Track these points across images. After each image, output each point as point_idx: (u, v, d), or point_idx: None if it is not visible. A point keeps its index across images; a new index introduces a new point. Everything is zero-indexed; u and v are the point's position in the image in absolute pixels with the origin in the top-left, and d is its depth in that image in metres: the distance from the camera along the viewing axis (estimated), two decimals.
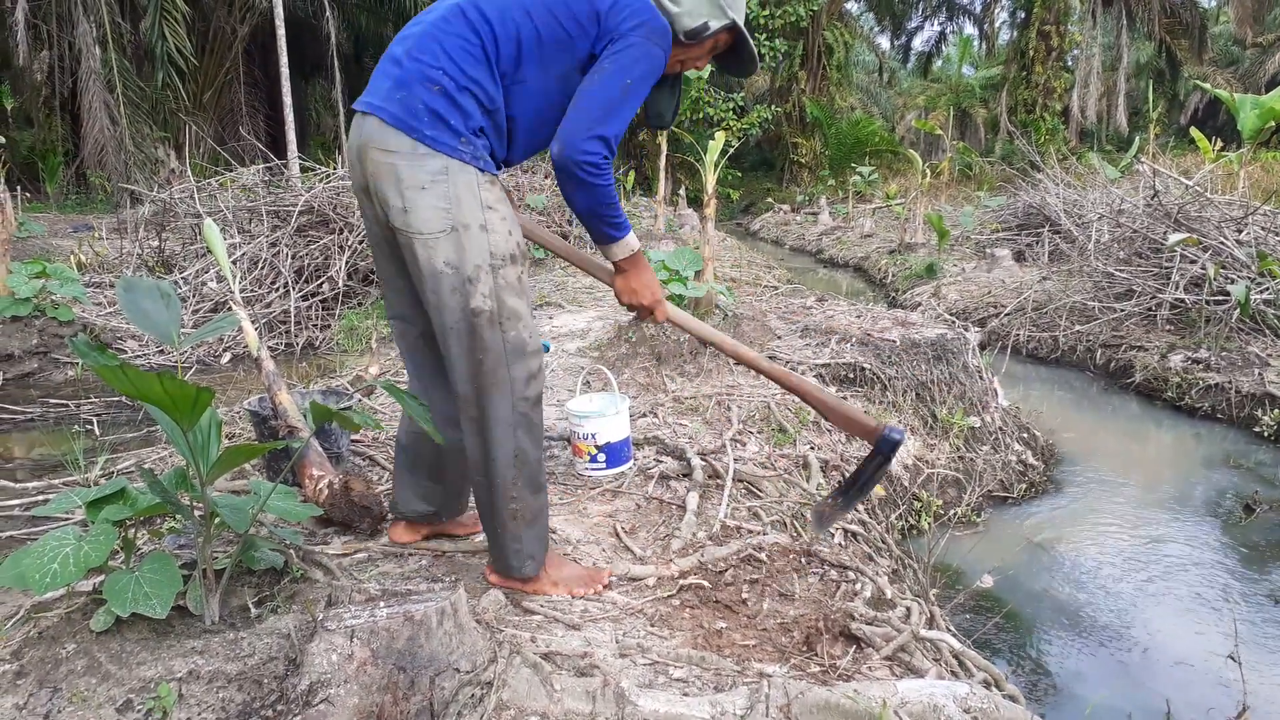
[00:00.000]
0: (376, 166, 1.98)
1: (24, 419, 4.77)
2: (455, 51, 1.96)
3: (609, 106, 1.97)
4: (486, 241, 1.98)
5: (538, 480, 2.19)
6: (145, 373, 1.56)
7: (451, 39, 1.97)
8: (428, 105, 1.94)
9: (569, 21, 2.00)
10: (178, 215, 7.90)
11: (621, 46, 1.99)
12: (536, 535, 2.23)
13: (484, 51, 1.97)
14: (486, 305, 2.00)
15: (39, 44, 15.35)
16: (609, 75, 1.98)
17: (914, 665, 2.13)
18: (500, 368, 2.05)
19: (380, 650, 1.65)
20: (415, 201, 1.95)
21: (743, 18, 2.20)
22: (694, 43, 2.16)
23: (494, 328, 2.02)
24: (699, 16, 2.12)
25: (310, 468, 2.70)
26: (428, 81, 1.95)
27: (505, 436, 2.09)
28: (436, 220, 1.95)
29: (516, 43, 1.99)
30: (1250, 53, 28.79)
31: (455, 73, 1.95)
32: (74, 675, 1.74)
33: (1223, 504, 4.41)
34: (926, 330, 5.10)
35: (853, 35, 28.27)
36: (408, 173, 1.95)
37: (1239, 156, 9.34)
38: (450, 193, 1.95)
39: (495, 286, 2.00)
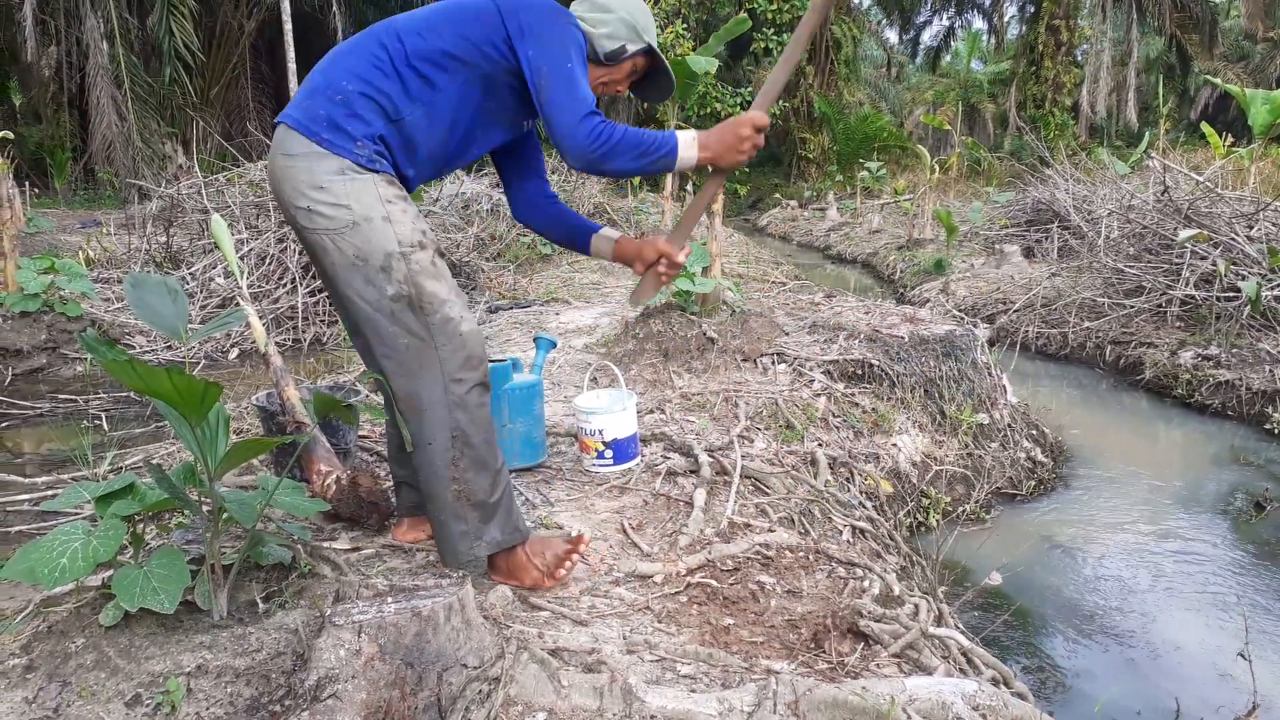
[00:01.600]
0: (280, 171, 2.06)
1: (33, 414, 4.79)
2: (362, 65, 2.06)
3: (570, 92, 2.04)
4: (392, 231, 2.04)
5: (484, 461, 2.16)
6: (154, 368, 1.56)
7: (362, 54, 2.08)
8: (327, 113, 2.03)
9: (475, 31, 2.09)
10: (185, 211, 7.91)
11: (537, 42, 2.06)
12: (486, 518, 2.20)
13: (393, 65, 2.06)
14: (404, 290, 2.05)
15: (47, 40, 15.40)
16: (549, 72, 2.05)
17: (922, 662, 2.13)
18: (427, 349, 2.08)
19: (388, 646, 1.65)
20: (316, 199, 2.02)
21: (655, 43, 2.30)
22: (613, 64, 2.27)
23: (415, 312, 2.06)
24: (617, 40, 2.23)
25: (318, 463, 2.70)
26: (331, 91, 2.05)
27: (441, 418, 2.11)
28: (339, 216, 2.02)
29: (426, 57, 2.08)
30: (1261, 48, 28.61)
31: (359, 84, 2.04)
32: (83, 669, 1.74)
33: (1233, 501, 4.39)
34: (935, 327, 5.08)
35: (861, 30, 28.18)
36: (306, 174, 2.02)
37: (1250, 152, 9.29)
38: (348, 190, 2.02)
39: (410, 272, 2.05)
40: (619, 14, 2.23)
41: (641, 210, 12.86)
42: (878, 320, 5.27)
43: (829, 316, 5.43)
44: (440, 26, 2.10)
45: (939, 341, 4.84)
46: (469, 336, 2.12)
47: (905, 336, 4.85)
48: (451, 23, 2.10)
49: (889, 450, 4.11)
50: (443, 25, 2.10)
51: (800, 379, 4.42)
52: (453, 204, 9.93)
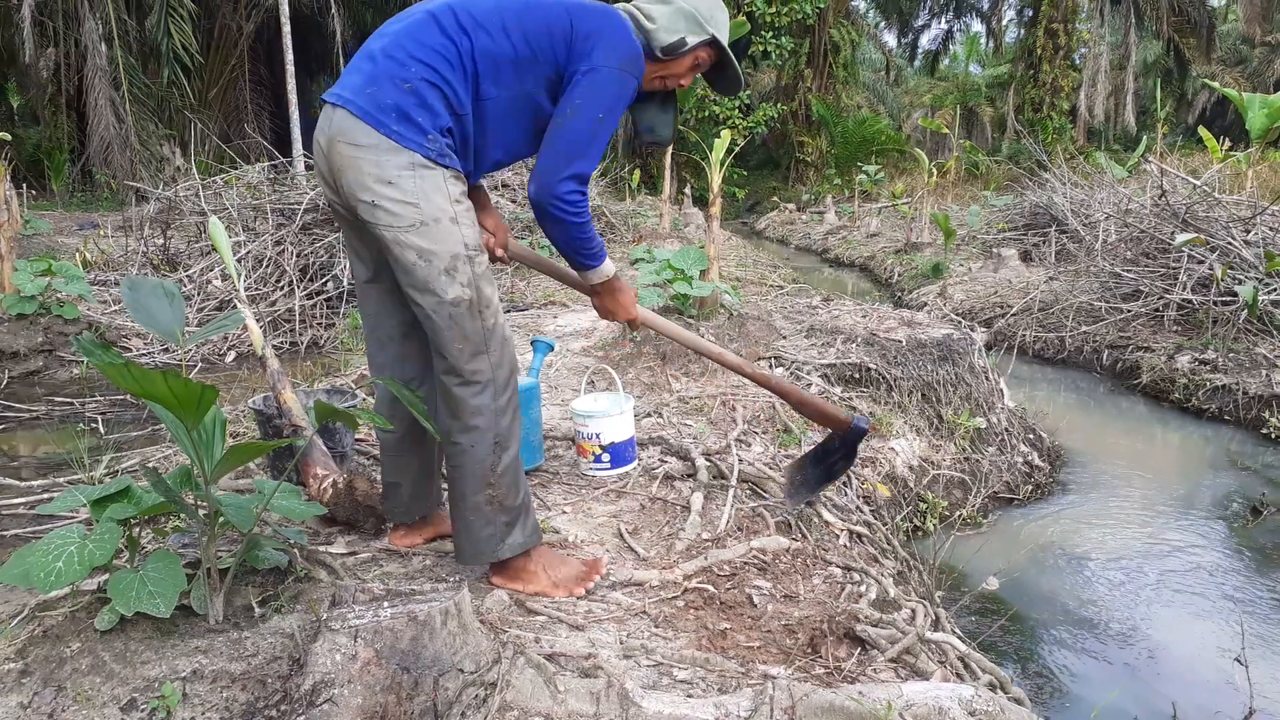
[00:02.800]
0: (343, 159, 2.00)
1: (29, 417, 4.78)
2: (429, 53, 1.99)
3: (581, 145, 2.03)
4: (459, 233, 2.02)
5: (515, 467, 2.20)
6: (150, 371, 1.56)
7: (428, 41, 2.00)
8: (396, 103, 1.97)
9: (543, 41, 2.04)
10: (183, 213, 7.91)
11: (590, 77, 2.03)
12: (510, 522, 2.21)
13: (459, 59, 2.00)
14: (466, 294, 2.03)
15: (45, 41, 15.40)
16: (580, 111, 2.03)
17: (919, 667, 2.12)
18: (482, 355, 2.08)
19: (384, 650, 1.65)
20: (382, 195, 1.97)
21: (725, 34, 2.22)
22: (671, 59, 2.20)
23: (474, 316, 2.06)
24: (675, 32, 2.17)
25: (314, 467, 2.70)
26: (399, 79, 1.97)
27: (488, 423, 2.11)
28: (406, 214, 1.98)
29: (491, 57, 2.02)
30: (1259, 51, 28.69)
31: (427, 73, 1.98)
32: (78, 674, 1.74)
33: (1230, 506, 4.39)
34: (932, 330, 5.08)
35: (859, 33, 28.21)
36: (374, 168, 1.97)
37: (1247, 156, 9.29)
38: (417, 187, 1.97)
39: (473, 275, 2.04)
40: (679, 4, 2.17)
41: (640, 214, 12.86)
42: (875, 324, 5.27)
43: (827, 320, 5.43)
44: (511, 28, 2.03)
45: (936, 345, 4.84)
46: (509, 344, 2.15)
47: (903, 340, 4.85)
48: (521, 27, 2.04)
49: (886, 454, 4.11)
50: (514, 27, 2.04)
51: (798, 383, 4.42)
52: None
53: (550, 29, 2.04)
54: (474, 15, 2.03)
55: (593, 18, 2.07)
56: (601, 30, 2.05)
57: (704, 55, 2.25)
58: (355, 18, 20.43)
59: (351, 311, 6.94)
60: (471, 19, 2.02)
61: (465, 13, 2.03)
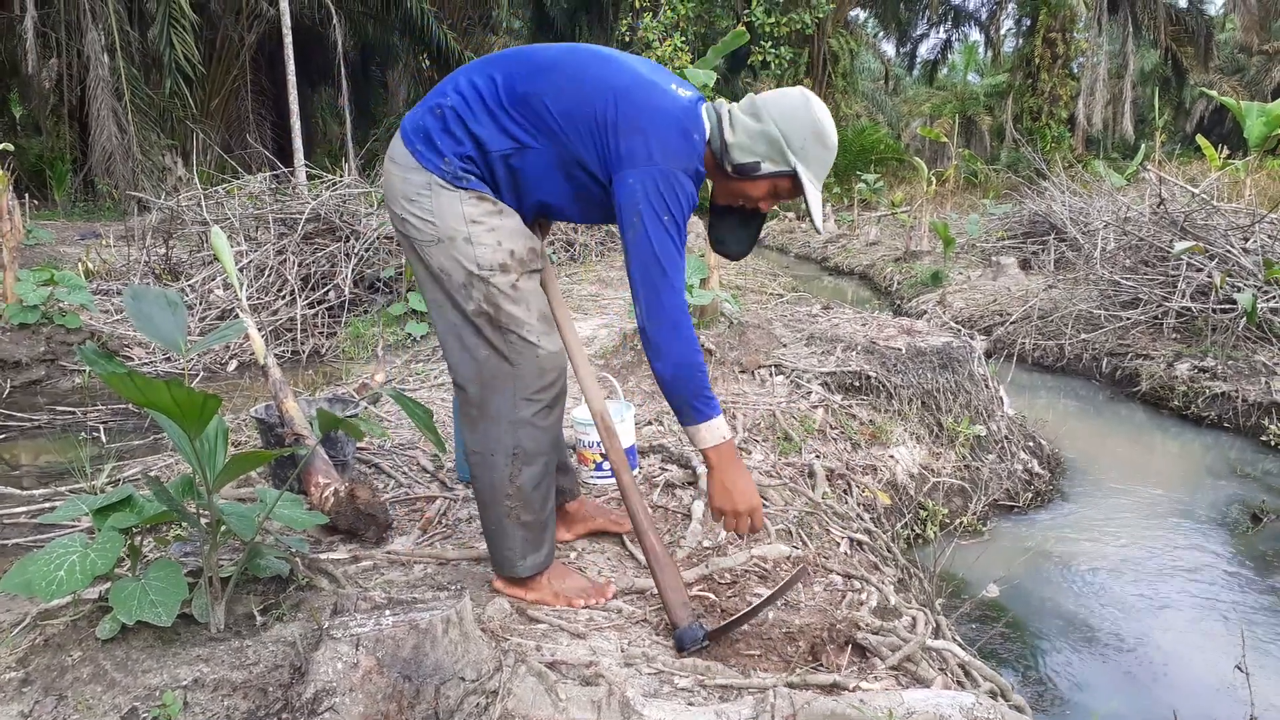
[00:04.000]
0: (386, 174, 2.12)
1: (31, 426, 4.79)
2: (470, 88, 2.02)
3: (658, 264, 1.95)
4: (472, 253, 2.02)
5: (538, 481, 2.19)
6: (152, 380, 1.56)
7: (475, 79, 2.03)
8: (426, 126, 2.04)
9: (581, 126, 1.97)
10: (185, 223, 7.92)
11: (637, 185, 1.92)
12: (530, 538, 2.22)
13: (498, 100, 1.99)
14: (485, 308, 2.05)
15: (48, 52, 15.44)
16: (640, 234, 1.93)
17: (920, 675, 2.12)
18: (504, 365, 2.08)
19: (385, 659, 1.65)
20: (408, 211, 2.05)
21: (817, 170, 2.03)
22: (743, 178, 2.06)
23: (495, 329, 2.06)
24: (751, 154, 2.02)
25: (316, 475, 2.71)
26: (434, 106, 2.04)
27: (504, 433, 2.11)
28: (425, 230, 2.04)
29: (533, 111, 1.98)
30: (1256, 60, 28.77)
31: (458, 103, 2.01)
32: (79, 683, 1.74)
33: (1229, 513, 4.39)
34: (932, 338, 5.09)
35: (858, 43, 28.30)
36: (401, 184, 2.06)
37: (1245, 164, 9.31)
38: (433, 207, 2.02)
39: (488, 293, 2.04)
40: (766, 126, 1.99)
41: None
42: (875, 332, 5.28)
43: (826, 328, 5.44)
44: (560, 91, 1.97)
45: (936, 353, 4.84)
46: (546, 359, 2.10)
47: (902, 348, 4.86)
48: (567, 98, 1.97)
49: (886, 462, 4.11)
50: (562, 92, 1.97)
51: (798, 390, 4.42)
52: None
53: (593, 113, 1.95)
54: (535, 63, 2.02)
55: (639, 111, 1.95)
56: (644, 128, 1.94)
57: (784, 185, 2.06)
58: (356, 28, 20.52)
59: (353, 320, 6.96)
60: (527, 69, 2.01)
61: (525, 62, 2.03)
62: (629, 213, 1.93)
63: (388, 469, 3.34)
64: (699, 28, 21.01)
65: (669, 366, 2.00)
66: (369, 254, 7.47)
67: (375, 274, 7.43)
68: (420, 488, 3.18)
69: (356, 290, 7.30)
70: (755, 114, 2.01)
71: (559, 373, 2.15)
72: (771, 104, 2.01)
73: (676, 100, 2.00)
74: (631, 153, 1.92)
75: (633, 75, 2.00)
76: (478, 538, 2.74)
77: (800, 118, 1.99)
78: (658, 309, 1.97)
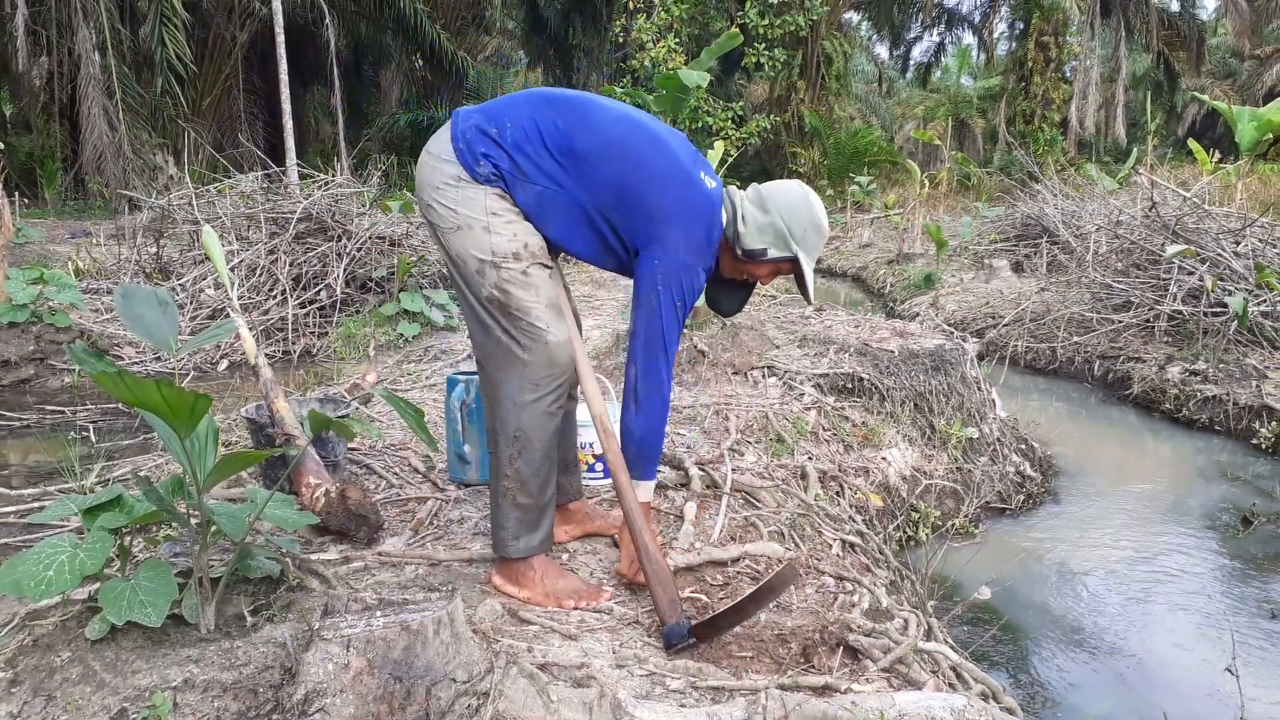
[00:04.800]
0: (421, 164, 2.26)
1: (20, 425, 4.76)
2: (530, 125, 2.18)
3: (665, 340, 2.23)
4: (489, 241, 2.17)
5: (538, 467, 2.27)
6: (143, 380, 1.55)
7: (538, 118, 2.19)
8: (474, 138, 2.18)
9: (619, 200, 2.19)
10: (176, 222, 7.89)
11: (660, 267, 2.18)
12: (525, 520, 2.30)
13: (558, 147, 2.17)
14: (496, 294, 2.19)
15: (38, 50, 15.36)
16: (655, 311, 2.20)
17: (912, 677, 2.13)
18: (514, 349, 2.21)
19: (376, 660, 1.65)
20: (433, 199, 2.21)
21: (812, 255, 2.34)
22: (750, 261, 2.33)
23: (505, 314, 2.19)
24: (760, 242, 2.29)
25: (307, 476, 2.70)
26: (492, 130, 2.18)
27: (508, 415, 2.24)
28: (448, 218, 2.19)
29: (586, 168, 2.18)
30: (1248, 65, 28.90)
31: (518, 136, 2.17)
32: (68, 683, 1.73)
33: (1221, 516, 4.41)
34: (925, 341, 5.10)
35: (852, 45, 28.33)
36: (431, 174, 2.21)
37: (1237, 169, 9.36)
38: (457, 196, 2.18)
39: (500, 279, 2.18)
40: (773, 219, 2.28)
41: None
42: (868, 334, 5.29)
43: (819, 330, 5.45)
44: (606, 159, 2.17)
45: (928, 355, 4.85)
46: (555, 347, 2.22)
47: (895, 350, 4.87)
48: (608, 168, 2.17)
49: (879, 464, 4.12)
50: (608, 160, 2.17)
51: (790, 392, 4.43)
52: None
53: (639, 196, 2.18)
54: (597, 129, 2.19)
55: (677, 205, 2.20)
56: (677, 222, 2.19)
57: (785, 267, 2.37)
58: (349, 28, 20.45)
59: (344, 320, 6.94)
60: (589, 130, 2.18)
61: (589, 122, 2.20)
62: (648, 289, 2.19)
63: (379, 469, 3.33)
64: (693, 29, 21.01)
65: (644, 427, 2.28)
66: (361, 254, 7.45)
67: (367, 274, 7.41)
68: (412, 488, 3.17)
69: (348, 290, 7.27)
70: (762, 207, 2.29)
71: (568, 363, 2.26)
72: (777, 198, 2.30)
73: (708, 198, 2.25)
74: (663, 239, 2.18)
75: (678, 167, 2.22)
76: (469, 539, 2.74)
77: (801, 212, 2.29)
78: (654, 378, 2.24)
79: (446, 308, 6.94)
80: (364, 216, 7.91)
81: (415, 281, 7.26)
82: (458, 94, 21.62)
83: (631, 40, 19.42)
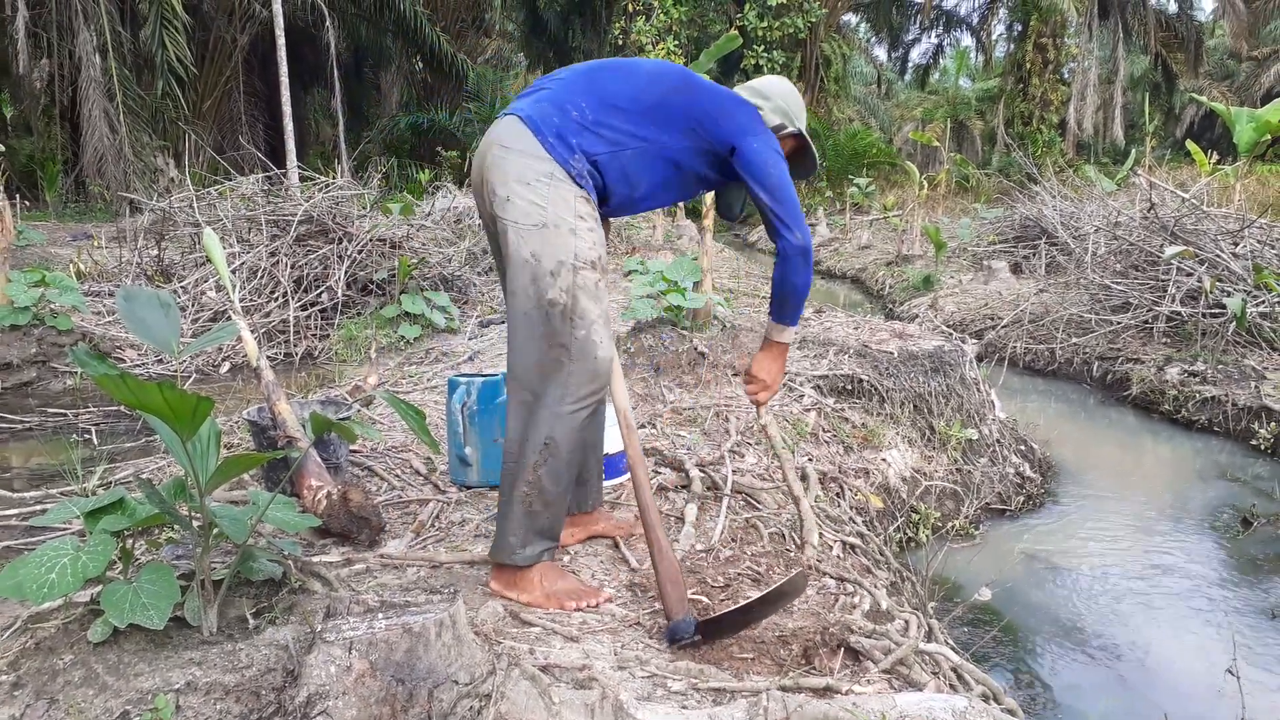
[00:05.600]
0: (494, 159, 2.23)
1: (22, 428, 4.76)
2: (596, 95, 2.27)
3: (795, 201, 2.39)
4: (573, 243, 2.19)
5: (559, 477, 2.26)
6: (145, 382, 1.56)
7: (602, 85, 2.30)
8: (559, 122, 2.22)
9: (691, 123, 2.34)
10: (177, 224, 7.90)
11: (756, 148, 2.34)
12: (536, 529, 2.28)
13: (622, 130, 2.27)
14: (562, 299, 2.18)
15: (39, 52, 15.37)
16: (776, 183, 2.35)
17: (912, 678, 2.13)
18: (564, 358, 2.21)
19: (379, 662, 1.65)
20: (517, 193, 2.18)
21: (804, 128, 2.58)
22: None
23: (565, 321, 2.19)
24: (777, 118, 2.51)
25: (309, 478, 2.70)
26: (568, 107, 2.24)
27: (545, 422, 2.22)
28: (532, 214, 2.18)
29: (664, 111, 2.31)
30: (1246, 66, 28.91)
31: (593, 105, 2.25)
32: (71, 686, 1.73)
33: (1220, 517, 4.41)
34: (924, 342, 5.10)
35: (850, 47, 28.37)
36: (517, 168, 2.19)
37: (1235, 170, 9.37)
38: (549, 194, 2.18)
39: (573, 284, 2.18)
40: (775, 100, 2.50)
41: (632, 225, 12.89)
42: (867, 335, 5.29)
43: (819, 332, 5.45)
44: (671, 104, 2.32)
45: (928, 357, 4.86)
46: (601, 362, 2.24)
47: (894, 352, 4.87)
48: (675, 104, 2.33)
49: (879, 465, 4.12)
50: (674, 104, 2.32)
51: (790, 394, 4.43)
52: (445, 218, 9.94)
53: (697, 110, 2.34)
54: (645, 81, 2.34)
55: (726, 99, 2.41)
56: (738, 109, 2.40)
57: (790, 144, 2.55)
58: (349, 30, 20.48)
59: (345, 323, 6.94)
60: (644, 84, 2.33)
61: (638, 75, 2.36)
62: (767, 165, 2.34)
63: (381, 471, 3.34)
64: (692, 31, 21.03)
65: (805, 279, 2.47)
66: (362, 256, 7.45)
67: (368, 276, 7.41)
68: (413, 490, 3.18)
69: (349, 292, 7.28)
70: (763, 95, 2.51)
71: (607, 375, 2.28)
72: (769, 87, 2.54)
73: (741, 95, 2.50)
74: (747, 126, 2.36)
75: (706, 81, 2.45)
76: (471, 541, 2.74)
77: (790, 93, 2.56)
78: (806, 234, 2.40)
79: (447, 310, 6.94)
80: (365, 219, 7.92)
81: (416, 284, 7.27)
82: (457, 96, 21.65)
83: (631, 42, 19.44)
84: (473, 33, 24.19)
